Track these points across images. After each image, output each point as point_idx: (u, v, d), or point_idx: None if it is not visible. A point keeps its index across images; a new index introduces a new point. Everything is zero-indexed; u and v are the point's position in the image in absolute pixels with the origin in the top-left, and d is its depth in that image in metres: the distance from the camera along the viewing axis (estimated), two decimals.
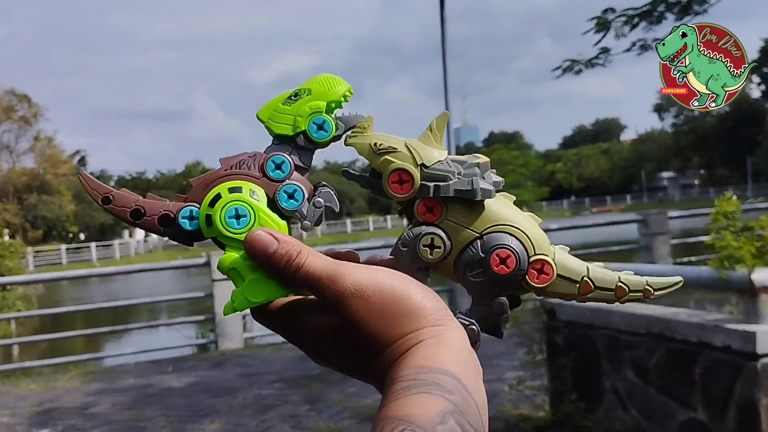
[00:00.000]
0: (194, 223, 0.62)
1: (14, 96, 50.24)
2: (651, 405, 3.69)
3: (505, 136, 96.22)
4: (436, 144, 0.62)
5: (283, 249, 0.57)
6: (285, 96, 0.64)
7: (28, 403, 6.22)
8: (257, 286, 0.59)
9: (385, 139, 0.62)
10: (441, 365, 0.52)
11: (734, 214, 3.67)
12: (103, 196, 0.65)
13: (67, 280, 14.55)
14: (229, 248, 0.60)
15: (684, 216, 10.95)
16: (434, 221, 0.61)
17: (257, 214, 0.60)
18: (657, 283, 0.63)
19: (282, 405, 5.53)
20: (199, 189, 0.63)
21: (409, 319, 0.55)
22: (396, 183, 0.61)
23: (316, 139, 0.63)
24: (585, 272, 0.62)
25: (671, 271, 4.00)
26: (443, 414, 0.48)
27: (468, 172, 0.60)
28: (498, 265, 0.60)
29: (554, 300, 4.54)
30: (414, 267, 0.61)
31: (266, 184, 0.62)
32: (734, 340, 3.15)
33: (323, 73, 0.65)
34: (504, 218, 0.61)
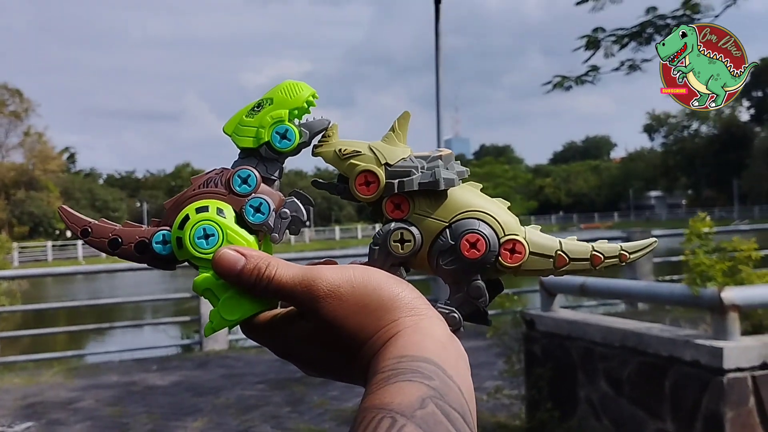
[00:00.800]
0: (168, 248, 0.62)
1: (6, 90, 50.07)
2: (622, 415, 3.81)
3: (496, 149, 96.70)
4: (399, 143, 0.63)
5: (252, 264, 0.58)
6: (249, 108, 0.64)
7: (12, 397, 6.27)
8: (231, 304, 0.59)
9: (349, 144, 0.63)
10: (420, 353, 0.52)
11: (707, 234, 3.80)
12: (81, 229, 0.65)
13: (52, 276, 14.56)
14: (202, 269, 0.60)
15: (668, 235, 11.10)
16: (403, 217, 0.62)
17: (225, 231, 0.60)
18: (631, 247, 0.64)
19: (264, 406, 5.61)
20: (171, 211, 0.63)
21: (385, 311, 0.56)
22: (362, 185, 0.62)
23: (280, 149, 0.63)
24: (558, 246, 0.63)
25: (644, 287, 4.13)
26: (422, 399, 0.48)
27: (431, 165, 0.62)
28: (469, 250, 0.61)
29: (533, 311, 4.66)
30: (388, 264, 0.62)
31: (233, 199, 0.62)
32: (703, 355, 3.28)
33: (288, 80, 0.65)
34: (470, 205, 0.62)
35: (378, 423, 0.46)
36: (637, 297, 4.77)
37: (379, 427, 0.46)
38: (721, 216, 52.23)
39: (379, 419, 0.47)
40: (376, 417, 0.47)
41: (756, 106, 63.06)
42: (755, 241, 3.81)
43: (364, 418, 0.47)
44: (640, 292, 4.29)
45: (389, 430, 0.46)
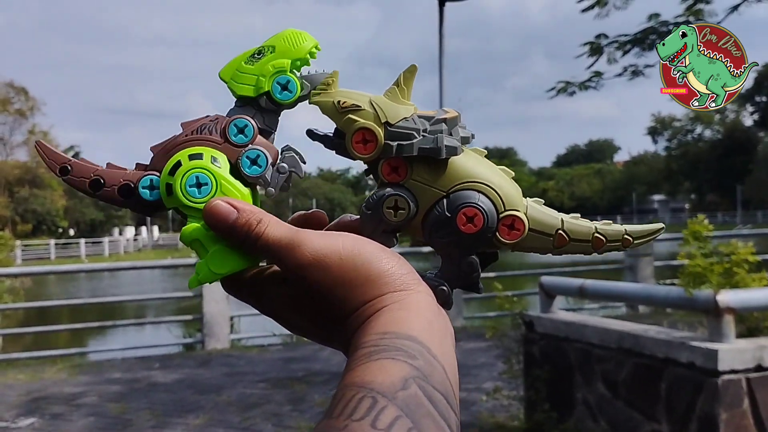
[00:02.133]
0: (155, 193, 0.59)
1: (12, 88, 50.23)
2: (619, 417, 3.86)
3: (500, 151, 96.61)
4: (403, 100, 0.60)
5: (243, 218, 0.56)
6: (248, 54, 0.61)
7: (16, 392, 6.33)
8: (221, 257, 0.57)
9: (350, 96, 0.60)
10: (404, 330, 0.51)
11: (705, 237, 3.85)
12: (60, 166, 0.61)
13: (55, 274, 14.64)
14: (191, 218, 0.58)
15: (669, 239, 11.13)
16: (399, 181, 0.59)
17: (219, 182, 0.58)
18: (636, 232, 0.61)
19: (265, 404, 5.66)
20: (159, 156, 0.60)
21: (372, 285, 0.54)
22: (359, 143, 0.59)
23: (280, 101, 0.60)
24: (559, 225, 0.60)
25: (641, 290, 4.17)
26: (405, 379, 0.46)
27: (434, 128, 0.58)
28: (465, 224, 0.58)
29: (532, 313, 4.71)
30: (379, 230, 0.60)
31: (228, 149, 0.59)
32: (698, 357, 3.32)
33: (291, 28, 0.62)
34: (472, 175, 0.59)
35: (358, 402, 0.45)
36: (634, 299, 4.81)
37: (359, 407, 0.45)
38: (724, 221, 52.20)
39: (359, 398, 0.45)
40: (356, 396, 0.45)
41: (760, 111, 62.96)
42: (755, 246, 3.85)
43: (344, 396, 0.46)
44: (637, 295, 4.33)
45: (369, 410, 0.44)
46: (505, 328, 5.15)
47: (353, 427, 0.43)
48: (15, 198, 46.94)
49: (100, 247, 42.73)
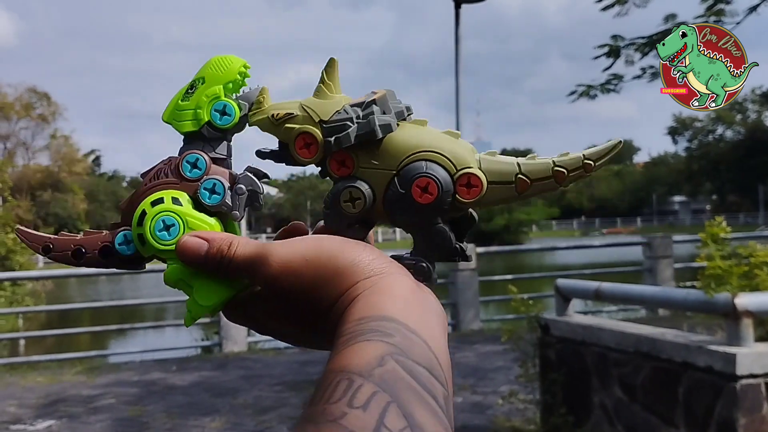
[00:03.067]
0: (131, 247, 0.61)
1: (35, 93, 50.84)
2: (636, 421, 3.81)
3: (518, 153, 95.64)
4: (331, 95, 0.60)
5: (215, 247, 0.57)
6: (182, 91, 0.62)
7: (35, 395, 6.39)
8: (206, 290, 0.58)
9: (282, 107, 0.60)
10: (379, 312, 0.51)
11: (723, 239, 3.79)
12: (43, 246, 0.64)
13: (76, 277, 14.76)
14: (170, 261, 0.59)
15: (689, 240, 11.02)
16: (350, 173, 0.59)
17: (185, 219, 0.59)
18: (594, 153, 0.60)
19: (281, 407, 5.67)
20: (127, 211, 0.62)
21: (342, 278, 0.54)
22: (303, 148, 0.59)
23: (223, 126, 0.61)
24: (516, 169, 0.60)
25: (658, 293, 4.12)
26: (381, 357, 0.46)
27: (366, 112, 0.58)
28: (421, 196, 0.58)
29: (548, 316, 4.67)
30: (344, 225, 0.60)
31: (186, 186, 0.61)
32: (716, 361, 3.27)
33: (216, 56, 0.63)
34: (415, 146, 0.59)
35: (335, 386, 0.45)
36: (651, 302, 4.76)
37: (337, 389, 0.45)
38: (746, 222, 51.62)
39: (336, 382, 0.45)
40: (334, 380, 0.46)
41: None
42: None
43: (322, 383, 0.47)
44: (655, 298, 4.28)
45: (346, 392, 0.44)
46: (521, 331, 5.11)
47: (331, 409, 0.43)
48: (37, 201, 47.48)
49: None
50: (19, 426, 5.42)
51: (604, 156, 0.60)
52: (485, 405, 5.47)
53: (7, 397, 6.35)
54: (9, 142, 51.37)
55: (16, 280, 13.82)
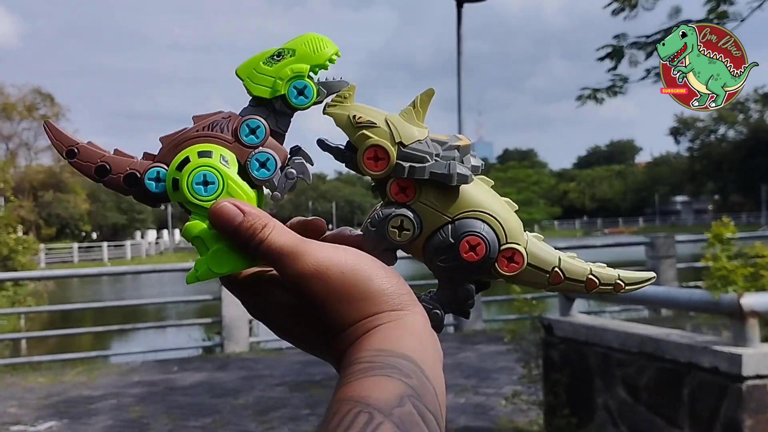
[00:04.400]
0: (161, 186, 0.59)
1: (39, 94, 50.82)
2: (640, 423, 3.78)
3: (520, 153, 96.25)
4: (417, 122, 0.60)
5: (249, 222, 0.56)
6: (267, 54, 0.60)
7: (36, 395, 6.37)
8: (221, 257, 0.57)
9: (365, 112, 0.60)
10: (399, 349, 0.51)
11: (730, 239, 3.76)
12: (68, 149, 0.61)
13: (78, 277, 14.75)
14: (195, 215, 0.58)
15: (692, 240, 10.99)
16: (406, 202, 0.59)
17: (226, 182, 0.58)
18: (629, 278, 0.62)
19: (283, 408, 5.64)
20: (168, 149, 0.60)
21: (370, 302, 0.54)
22: (371, 159, 0.59)
23: (295, 105, 0.60)
24: (556, 263, 0.61)
25: (663, 293, 4.08)
26: (401, 397, 0.47)
27: (447, 154, 0.59)
28: (467, 252, 0.59)
29: (552, 316, 4.64)
30: (381, 248, 0.59)
31: (238, 149, 0.59)
32: (721, 362, 3.24)
33: (312, 33, 0.61)
34: (478, 204, 0.60)
35: (354, 417, 0.45)
36: (655, 302, 4.73)
37: (356, 422, 0.45)
38: (748, 221, 51.53)
39: (355, 413, 0.45)
40: (353, 410, 0.45)
41: None
42: None
43: (339, 410, 0.46)
44: (659, 298, 4.24)
45: (366, 426, 0.44)
46: (524, 332, 5.09)
47: None
48: (39, 202, 47.49)
49: (122, 251, 43.10)
50: (19, 427, 5.40)
51: (636, 285, 0.62)
52: (488, 406, 5.44)
53: (8, 397, 6.33)
54: (11, 143, 51.39)
55: (18, 281, 13.82)
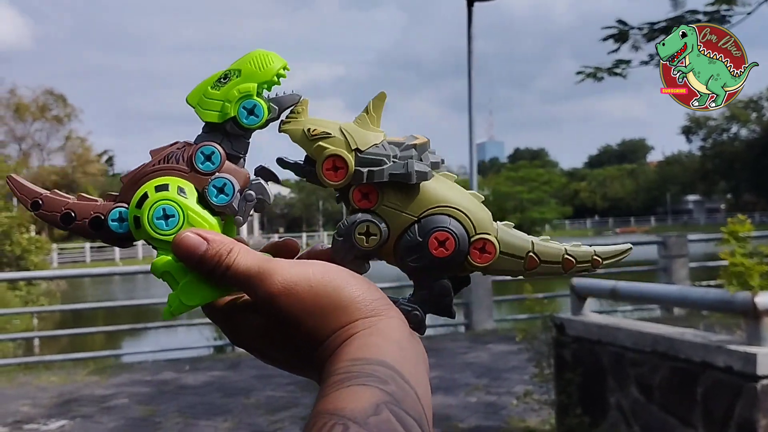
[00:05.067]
0: (124, 226, 0.59)
1: (51, 95, 51.11)
2: (653, 422, 3.74)
3: (531, 152, 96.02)
4: (372, 127, 0.60)
5: (213, 249, 0.55)
6: (215, 78, 0.59)
7: (48, 395, 6.39)
8: (192, 288, 0.56)
9: (319, 124, 0.59)
10: (375, 355, 0.51)
11: (745, 237, 3.72)
12: (32, 201, 0.60)
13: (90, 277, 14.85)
14: (161, 251, 0.57)
15: (704, 240, 10.91)
16: (371, 207, 0.59)
17: (186, 212, 0.57)
18: (605, 252, 0.62)
19: (294, 407, 5.64)
20: (128, 187, 0.59)
21: (342, 312, 0.53)
22: (330, 170, 0.59)
23: (247, 125, 0.59)
24: (530, 247, 0.61)
25: (676, 292, 4.05)
26: (376, 405, 0.46)
27: (404, 154, 0.59)
28: (437, 249, 0.59)
29: (563, 315, 4.61)
30: (350, 256, 0.59)
31: (195, 178, 0.58)
32: (736, 361, 3.21)
33: (259, 49, 0.60)
34: (443, 199, 0.59)
35: (330, 430, 0.45)
36: (669, 301, 4.69)
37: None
38: (761, 220, 51.13)
39: (330, 425, 0.45)
40: (328, 423, 0.45)
41: None
42: None
43: (315, 423, 0.46)
44: (672, 297, 4.21)
45: None
46: (535, 331, 5.06)
47: None
48: None
49: (133, 250, 43.07)
50: (32, 425, 5.42)
51: (613, 257, 0.63)
52: (499, 405, 5.42)
53: (21, 396, 6.36)
54: (24, 144, 51.71)
55: (31, 280, 13.92)
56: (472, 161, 10.79)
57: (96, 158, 57.52)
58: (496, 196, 39.20)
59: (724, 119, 65.32)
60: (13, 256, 16.03)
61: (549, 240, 0.63)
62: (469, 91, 10.84)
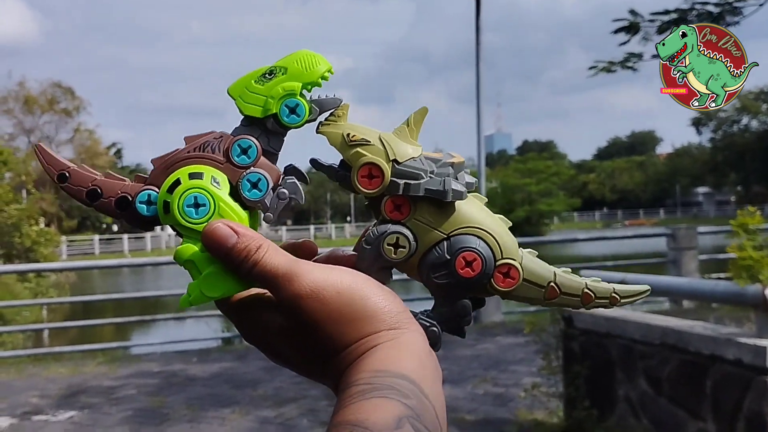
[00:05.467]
0: (152, 209, 0.59)
1: (59, 88, 51.25)
2: (662, 415, 3.73)
3: (539, 144, 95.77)
4: (411, 139, 0.60)
5: (242, 244, 0.55)
6: (259, 73, 0.60)
7: (57, 386, 6.42)
8: (214, 280, 0.56)
9: (359, 131, 0.60)
10: (397, 369, 0.51)
11: (755, 229, 3.69)
12: (59, 173, 0.60)
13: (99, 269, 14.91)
14: (187, 239, 0.57)
15: (714, 232, 10.85)
16: (401, 219, 0.59)
17: (217, 203, 0.57)
18: (624, 291, 0.63)
19: (301, 399, 5.65)
20: (160, 170, 0.59)
21: (366, 322, 0.53)
22: (365, 177, 0.59)
23: (287, 124, 0.59)
24: (552, 278, 0.62)
25: (686, 284, 4.03)
26: (399, 419, 0.46)
27: (441, 171, 0.59)
28: (463, 268, 0.59)
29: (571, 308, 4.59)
30: (376, 266, 0.59)
31: (230, 170, 0.58)
32: (745, 354, 3.18)
33: (305, 50, 0.61)
34: (473, 220, 0.60)
35: None
36: (678, 294, 4.66)
37: None
38: None
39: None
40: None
41: None
42: None
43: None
44: (682, 289, 4.19)
45: None
46: (543, 323, 5.03)
47: None
48: (61, 194, 47.95)
49: (142, 243, 43.43)
50: (41, 417, 5.45)
51: (631, 297, 0.63)
52: (507, 397, 5.41)
53: (30, 387, 6.39)
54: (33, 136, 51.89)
55: (41, 272, 13.99)
56: (480, 153, 10.75)
57: (105, 151, 57.62)
58: (504, 188, 39.07)
59: (734, 111, 64.85)
60: (22, 248, 16.10)
61: (570, 272, 0.63)
62: (478, 83, 10.79)
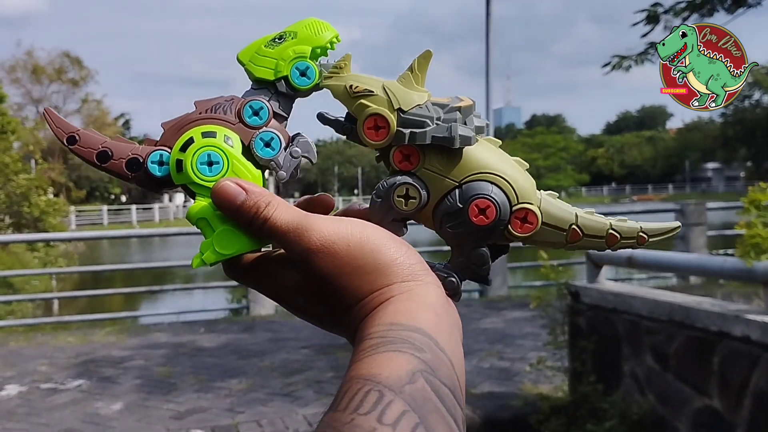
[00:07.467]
0: (164, 169, 0.59)
1: (67, 58, 51.09)
2: (668, 391, 3.73)
3: (547, 119, 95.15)
4: (416, 86, 0.58)
5: (252, 200, 0.55)
6: (269, 38, 0.61)
7: (66, 355, 6.48)
8: (227, 237, 0.56)
9: (362, 81, 0.58)
10: (412, 321, 0.50)
11: (766, 206, 3.65)
12: (68, 136, 0.60)
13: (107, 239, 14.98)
14: (200, 197, 0.57)
15: (723, 208, 10.77)
16: (411, 170, 0.58)
17: (231, 161, 0.57)
18: (652, 230, 0.60)
19: (307, 370, 5.68)
20: (171, 132, 0.59)
21: (380, 274, 0.53)
22: (371, 129, 0.57)
23: (298, 86, 0.60)
24: (573, 220, 0.59)
25: (694, 260, 4.01)
26: (412, 373, 0.46)
27: (448, 117, 0.57)
28: (477, 216, 0.57)
29: (578, 283, 4.58)
30: (389, 218, 0.58)
31: (242, 130, 0.59)
32: (753, 330, 3.17)
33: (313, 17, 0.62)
34: (486, 166, 0.58)
35: (364, 396, 0.44)
36: (686, 270, 4.64)
37: (366, 400, 0.44)
38: None
39: (365, 391, 0.44)
40: (362, 389, 0.45)
41: None
42: None
43: (350, 388, 0.45)
44: (690, 265, 4.16)
45: (376, 404, 0.43)
46: (550, 298, 5.03)
47: (359, 421, 0.43)
48: (69, 164, 48.06)
49: (150, 213, 43.60)
50: (49, 385, 5.51)
51: (660, 235, 0.60)
52: (513, 371, 5.42)
53: (39, 356, 6.45)
54: (41, 106, 51.87)
55: (50, 242, 14.06)
56: (490, 127, 10.71)
57: (113, 121, 57.62)
58: None
59: (746, 86, 64.01)
60: (31, 218, 16.16)
61: (593, 213, 0.60)
62: (487, 55, 10.70)
